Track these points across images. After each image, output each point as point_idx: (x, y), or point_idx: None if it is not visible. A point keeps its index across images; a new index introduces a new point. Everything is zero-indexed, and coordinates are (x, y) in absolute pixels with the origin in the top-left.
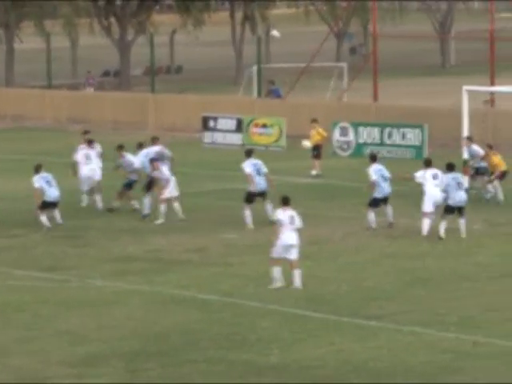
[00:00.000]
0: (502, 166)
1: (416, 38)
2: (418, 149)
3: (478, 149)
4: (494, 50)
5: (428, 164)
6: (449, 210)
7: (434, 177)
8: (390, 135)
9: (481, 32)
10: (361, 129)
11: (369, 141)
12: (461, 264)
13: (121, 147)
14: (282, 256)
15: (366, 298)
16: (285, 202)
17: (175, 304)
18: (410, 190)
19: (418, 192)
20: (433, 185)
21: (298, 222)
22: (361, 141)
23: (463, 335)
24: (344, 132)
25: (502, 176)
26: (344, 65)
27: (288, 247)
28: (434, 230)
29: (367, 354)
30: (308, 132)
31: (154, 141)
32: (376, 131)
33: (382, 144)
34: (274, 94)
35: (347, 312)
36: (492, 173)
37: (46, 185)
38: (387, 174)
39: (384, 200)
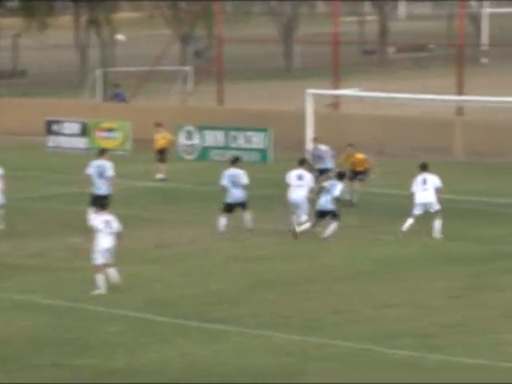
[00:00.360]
0: (366, 163)
1: (261, 41)
2: (263, 152)
3: (325, 149)
4: (337, 54)
5: (300, 164)
6: (317, 214)
7: (299, 177)
8: (235, 139)
9: (325, 35)
10: (206, 132)
11: (214, 144)
12: (307, 266)
13: None
14: (104, 262)
15: (212, 302)
16: (101, 206)
17: (19, 309)
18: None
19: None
20: (294, 185)
21: (115, 226)
22: (206, 144)
23: (309, 337)
24: (189, 136)
25: (358, 175)
26: (189, 68)
27: (105, 251)
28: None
29: (213, 357)
30: (153, 136)
31: None
32: (221, 135)
33: (227, 147)
34: (119, 97)
35: (193, 316)
36: (354, 171)
37: None
38: (243, 180)
39: (240, 205)
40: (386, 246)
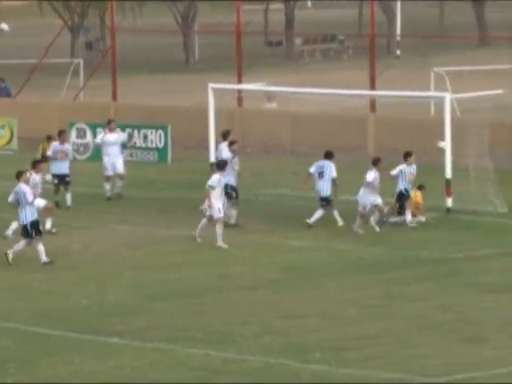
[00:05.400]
0: None
1: (157, 31)
2: (162, 151)
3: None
4: (240, 45)
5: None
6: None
7: None
8: (130, 137)
9: (227, 25)
10: (99, 130)
11: None
12: (205, 275)
13: None
14: None
15: (107, 314)
16: None
17: None
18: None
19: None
20: None
21: None
22: (99, 143)
23: (212, 351)
24: (81, 133)
25: None
26: (80, 61)
27: None
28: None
29: (109, 373)
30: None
31: None
32: None
33: (123, 147)
34: (4, 92)
35: (87, 329)
36: None
37: None
38: None
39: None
40: (294, 252)
